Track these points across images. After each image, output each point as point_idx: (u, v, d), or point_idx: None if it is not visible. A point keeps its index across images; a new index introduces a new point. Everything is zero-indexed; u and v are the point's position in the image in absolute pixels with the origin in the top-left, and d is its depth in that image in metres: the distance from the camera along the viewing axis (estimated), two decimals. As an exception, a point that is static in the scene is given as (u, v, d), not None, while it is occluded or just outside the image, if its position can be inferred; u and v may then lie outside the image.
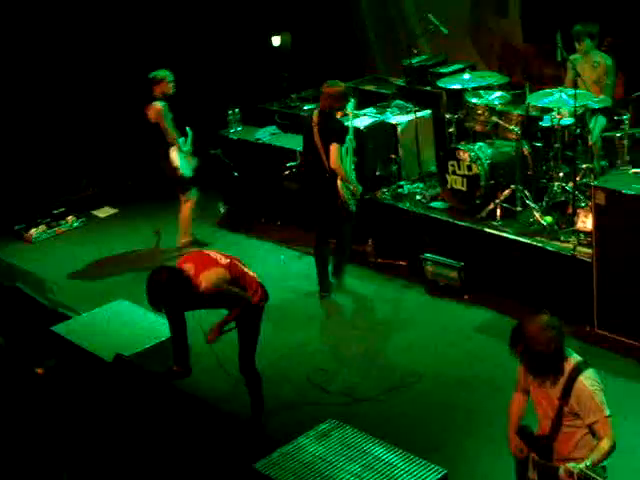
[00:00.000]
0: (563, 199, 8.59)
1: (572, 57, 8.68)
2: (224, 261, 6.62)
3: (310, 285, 9.21)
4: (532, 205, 8.57)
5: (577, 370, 4.84)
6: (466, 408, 7.18)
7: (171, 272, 6.38)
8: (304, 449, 5.68)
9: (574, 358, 4.91)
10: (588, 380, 4.83)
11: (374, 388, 7.49)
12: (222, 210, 11.22)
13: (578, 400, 4.80)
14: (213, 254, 6.71)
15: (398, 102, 10.15)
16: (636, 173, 7.81)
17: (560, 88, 8.71)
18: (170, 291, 6.28)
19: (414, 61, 10.28)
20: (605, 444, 4.78)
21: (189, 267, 6.46)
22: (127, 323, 7.71)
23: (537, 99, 8.66)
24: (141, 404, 6.20)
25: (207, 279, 6.38)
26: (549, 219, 8.41)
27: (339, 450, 5.65)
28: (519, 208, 8.69)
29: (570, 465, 4.71)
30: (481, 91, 9.20)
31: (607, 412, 4.80)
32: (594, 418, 4.78)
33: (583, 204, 8.32)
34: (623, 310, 7.54)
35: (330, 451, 5.65)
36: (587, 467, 4.66)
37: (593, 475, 4.65)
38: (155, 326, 7.56)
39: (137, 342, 7.29)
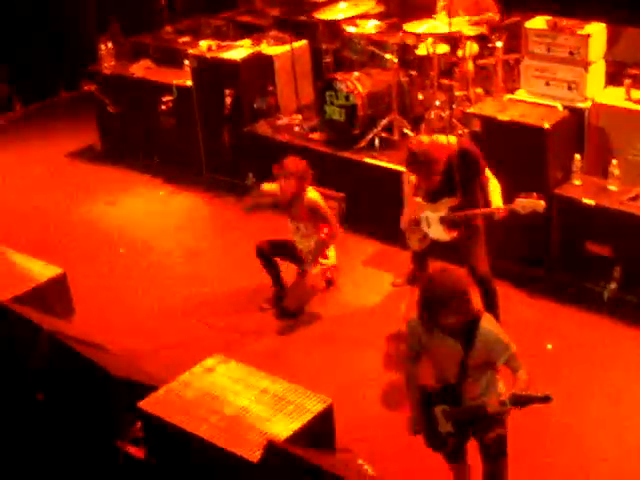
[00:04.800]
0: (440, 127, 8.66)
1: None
2: None
3: (187, 222, 9.18)
4: (410, 134, 8.61)
5: (476, 317, 4.80)
6: (348, 340, 7.22)
7: None
8: (190, 385, 5.63)
9: None
10: (489, 323, 4.82)
11: (260, 323, 7.50)
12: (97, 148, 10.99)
13: (486, 345, 4.75)
14: None
15: (274, 33, 10.01)
16: (510, 99, 7.93)
17: (435, 16, 8.72)
18: None
19: (289, -9, 10.16)
20: (523, 373, 4.74)
21: None
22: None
23: (412, 27, 8.67)
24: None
25: None
26: None
27: (226, 385, 5.63)
28: (397, 137, 8.72)
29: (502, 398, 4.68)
30: (357, 20, 9.15)
31: (514, 347, 4.78)
32: (505, 357, 4.75)
33: (460, 131, 8.39)
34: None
35: (217, 386, 5.62)
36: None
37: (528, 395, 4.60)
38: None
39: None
